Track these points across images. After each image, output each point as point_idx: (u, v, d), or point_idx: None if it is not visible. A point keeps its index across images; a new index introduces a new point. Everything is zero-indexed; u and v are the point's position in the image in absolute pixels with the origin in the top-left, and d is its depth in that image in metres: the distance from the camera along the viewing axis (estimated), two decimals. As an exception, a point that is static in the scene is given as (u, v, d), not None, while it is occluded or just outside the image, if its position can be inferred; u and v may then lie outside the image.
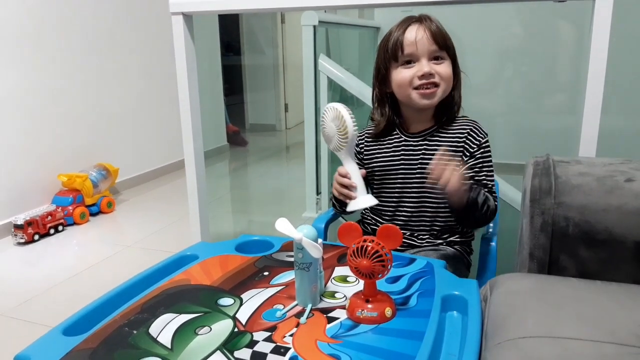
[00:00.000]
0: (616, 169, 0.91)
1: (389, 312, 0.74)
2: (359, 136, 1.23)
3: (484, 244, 1.23)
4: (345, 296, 0.81)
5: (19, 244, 2.31)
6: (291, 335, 0.70)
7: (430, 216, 1.14)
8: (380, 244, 0.72)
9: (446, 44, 1.09)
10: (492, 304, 0.81)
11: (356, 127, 1.00)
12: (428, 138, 1.14)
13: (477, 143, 1.11)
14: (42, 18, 2.56)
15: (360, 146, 1.22)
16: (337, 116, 1.00)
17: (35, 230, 2.34)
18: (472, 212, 1.07)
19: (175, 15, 1.38)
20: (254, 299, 0.81)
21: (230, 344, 0.68)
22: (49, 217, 2.40)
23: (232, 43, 5.44)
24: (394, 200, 1.17)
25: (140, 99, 3.29)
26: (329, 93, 2.07)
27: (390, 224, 0.75)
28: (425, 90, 1.09)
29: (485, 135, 1.13)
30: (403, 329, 0.71)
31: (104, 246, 2.31)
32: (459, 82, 1.14)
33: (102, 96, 2.98)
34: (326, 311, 0.77)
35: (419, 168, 1.13)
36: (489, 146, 1.12)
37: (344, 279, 0.87)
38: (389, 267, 0.72)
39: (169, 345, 0.68)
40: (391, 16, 2.58)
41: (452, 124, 1.14)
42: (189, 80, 1.42)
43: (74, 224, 2.56)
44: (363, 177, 1.07)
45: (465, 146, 1.11)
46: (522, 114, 2.72)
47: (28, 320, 1.68)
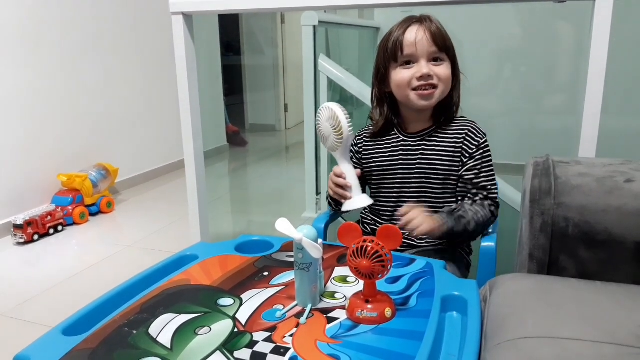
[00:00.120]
0: (616, 170, 0.91)
1: (388, 312, 0.74)
2: (357, 135, 1.24)
3: (484, 244, 1.23)
4: (345, 296, 0.81)
5: (19, 244, 2.31)
6: (291, 336, 0.70)
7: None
8: (380, 244, 0.72)
9: (446, 45, 1.09)
10: (492, 304, 0.81)
11: (351, 127, 1.00)
12: (426, 138, 1.14)
13: (475, 144, 1.11)
14: (41, 18, 2.56)
15: (359, 145, 1.22)
16: (332, 116, 1.00)
17: (35, 230, 2.33)
18: (457, 237, 1.09)
19: (175, 15, 1.38)
20: (253, 299, 0.81)
21: (230, 344, 0.68)
22: (49, 217, 2.40)
23: (232, 43, 5.44)
24: (393, 200, 1.17)
25: (140, 99, 3.29)
26: (328, 93, 2.07)
27: (389, 224, 0.75)
28: (424, 92, 1.09)
29: (483, 135, 1.13)
30: (403, 330, 0.71)
31: (104, 246, 2.31)
32: (458, 83, 1.14)
33: (102, 96, 2.98)
34: (326, 311, 0.77)
35: (417, 168, 1.13)
36: (488, 147, 1.12)
37: (343, 279, 0.87)
38: (388, 267, 0.72)
39: (168, 346, 0.68)
40: (391, 16, 2.58)
41: (450, 124, 1.14)
42: (189, 80, 1.42)
43: (73, 224, 2.56)
44: (358, 177, 1.08)
45: (463, 147, 1.11)
46: (522, 115, 2.72)
47: (28, 321, 1.68)
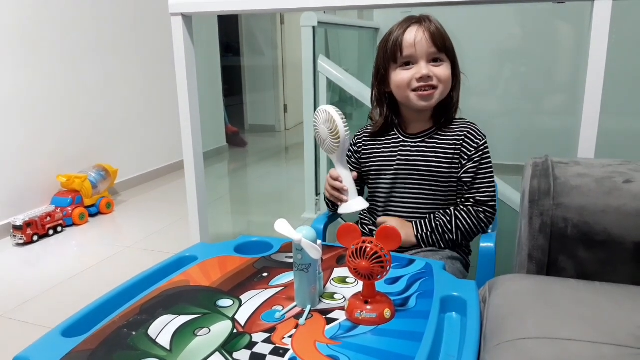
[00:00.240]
0: (615, 170, 0.91)
1: (388, 313, 0.74)
2: (356, 135, 1.24)
3: (483, 245, 1.23)
4: (344, 297, 0.81)
5: (18, 244, 2.31)
6: (290, 337, 0.70)
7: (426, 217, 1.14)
8: (379, 245, 0.72)
9: (445, 45, 1.09)
10: (491, 305, 0.81)
11: (347, 130, 1.00)
12: (426, 140, 1.14)
13: (474, 146, 1.11)
14: (41, 18, 2.56)
15: (358, 145, 1.22)
16: (329, 119, 1.00)
17: (34, 231, 2.33)
18: (435, 245, 1.12)
19: (175, 16, 1.38)
20: (253, 300, 0.81)
21: (229, 345, 0.68)
22: (48, 218, 2.40)
23: (231, 44, 5.44)
24: (391, 201, 1.17)
25: (139, 100, 3.29)
26: (328, 94, 2.07)
27: (389, 225, 0.75)
28: (423, 92, 1.09)
29: (483, 137, 1.12)
30: (402, 330, 0.71)
31: (103, 247, 2.31)
32: (458, 84, 1.14)
33: (102, 97, 2.98)
34: (325, 312, 0.77)
35: (416, 169, 1.13)
36: (487, 149, 1.12)
37: (343, 280, 0.87)
38: (388, 268, 0.72)
39: (168, 347, 0.68)
40: (390, 17, 2.58)
41: (450, 126, 1.14)
42: (188, 81, 1.42)
43: (73, 224, 2.56)
44: (355, 179, 1.08)
45: (462, 149, 1.11)
46: (521, 115, 2.72)
47: (27, 322, 1.68)
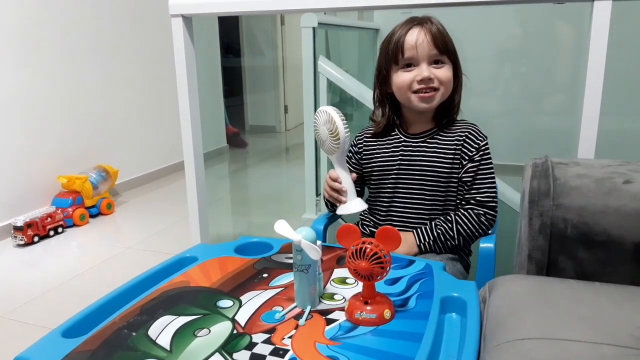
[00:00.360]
0: (615, 171, 0.91)
1: (387, 313, 0.74)
2: (358, 135, 1.24)
3: (483, 245, 1.23)
4: (344, 298, 0.81)
5: (19, 245, 2.31)
6: (290, 337, 0.70)
7: (427, 218, 1.14)
8: (379, 245, 0.72)
9: (447, 47, 1.09)
10: (491, 305, 0.81)
11: (348, 131, 1.00)
12: (427, 140, 1.15)
13: (475, 147, 1.11)
14: (41, 18, 2.56)
15: (359, 146, 1.22)
16: (329, 120, 1.00)
17: (35, 232, 2.33)
18: (437, 251, 1.12)
19: (175, 17, 1.38)
20: (253, 300, 0.81)
21: (229, 346, 0.68)
22: (49, 219, 2.40)
23: (231, 45, 5.45)
24: (392, 201, 1.17)
25: (139, 100, 3.29)
26: (328, 95, 2.07)
27: (389, 226, 0.75)
28: (424, 94, 1.09)
29: (484, 138, 1.13)
30: (402, 331, 0.71)
31: (104, 248, 2.31)
32: (459, 85, 1.14)
33: (102, 98, 2.98)
34: (325, 313, 0.77)
35: (417, 169, 1.13)
36: (488, 150, 1.12)
37: (343, 281, 0.87)
38: (387, 268, 0.72)
39: (168, 347, 0.69)
40: (391, 18, 2.59)
41: (451, 126, 1.14)
42: (188, 82, 1.42)
43: (73, 225, 2.56)
44: (354, 180, 1.08)
45: (463, 150, 1.11)
46: (521, 115, 2.72)
47: (27, 322, 1.68)
